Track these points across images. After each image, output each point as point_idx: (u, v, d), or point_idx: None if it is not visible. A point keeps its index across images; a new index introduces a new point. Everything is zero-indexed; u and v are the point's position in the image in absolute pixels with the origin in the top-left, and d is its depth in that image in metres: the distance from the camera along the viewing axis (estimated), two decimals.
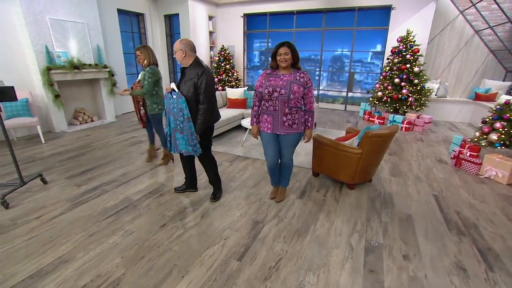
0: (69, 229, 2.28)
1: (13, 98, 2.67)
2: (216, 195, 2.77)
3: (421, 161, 3.92)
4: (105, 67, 5.76)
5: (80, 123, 5.67)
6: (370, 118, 6.32)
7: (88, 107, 6.01)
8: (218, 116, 2.58)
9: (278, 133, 2.39)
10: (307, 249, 2.08)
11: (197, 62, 2.34)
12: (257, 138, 2.60)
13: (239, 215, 2.51)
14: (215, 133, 4.33)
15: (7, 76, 4.42)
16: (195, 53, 2.39)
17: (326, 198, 2.84)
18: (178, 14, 7.18)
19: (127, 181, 3.16)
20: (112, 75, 5.97)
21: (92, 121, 5.91)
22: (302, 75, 2.29)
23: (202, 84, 2.26)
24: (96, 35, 5.64)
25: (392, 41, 6.42)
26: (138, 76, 3.39)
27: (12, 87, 2.67)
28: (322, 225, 2.38)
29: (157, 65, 3.24)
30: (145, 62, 3.17)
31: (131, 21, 6.98)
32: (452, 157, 3.89)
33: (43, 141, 4.54)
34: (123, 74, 6.66)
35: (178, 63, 2.39)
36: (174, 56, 2.38)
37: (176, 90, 2.33)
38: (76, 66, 5.14)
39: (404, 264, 1.94)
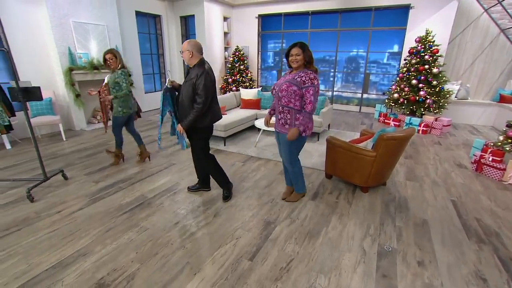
0: (87, 223, 2.38)
1: (39, 97, 2.82)
2: (226, 196, 2.79)
3: (438, 165, 3.80)
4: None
5: (98, 122, 5.87)
6: (386, 120, 6.18)
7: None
8: (215, 118, 2.57)
9: (277, 130, 2.50)
10: (318, 251, 2.07)
11: (200, 63, 2.38)
12: (267, 126, 2.78)
13: (251, 215, 2.52)
14: (228, 133, 4.39)
15: (34, 77, 4.66)
16: (202, 54, 2.43)
17: (339, 201, 2.81)
18: (193, 15, 7.30)
19: (142, 179, 3.25)
20: (129, 75, 6.16)
21: (109, 120, 6.09)
22: (302, 74, 2.21)
23: (200, 84, 2.30)
24: (115, 37, 5.83)
25: (410, 42, 6.24)
26: (105, 79, 3.35)
27: (39, 87, 2.82)
28: (334, 228, 2.36)
29: (125, 67, 3.27)
30: (118, 65, 3.17)
31: (148, 23, 7.16)
32: (473, 161, 3.73)
33: (64, 139, 4.75)
34: (140, 74, 6.84)
35: (185, 62, 2.45)
36: (181, 55, 2.43)
37: (166, 84, 2.49)
38: (95, 67, 5.33)
39: (419, 270, 1.89)
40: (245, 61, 8.04)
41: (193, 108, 2.37)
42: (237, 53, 7.95)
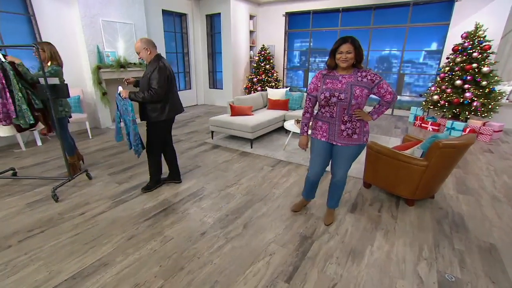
0: (109, 229, 2.24)
1: (66, 95, 2.75)
2: (148, 186, 2.86)
3: (494, 177, 3.32)
4: None
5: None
6: (423, 124, 5.66)
7: None
8: (174, 112, 2.64)
9: (335, 143, 2.06)
10: (365, 275, 1.77)
11: (155, 58, 2.44)
12: (305, 150, 2.37)
13: (285, 228, 2.26)
14: (255, 135, 4.15)
15: (65, 75, 4.69)
16: (156, 49, 2.51)
17: (382, 214, 2.48)
18: (219, 13, 7.17)
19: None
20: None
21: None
22: (364, 73, 1.91)
23: (154, 80, 2.38)
24: (142, 35, 5.80)
25: (453, 38, 5.67)
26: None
27: (66, 85, 2.75)
28: (380, 247, 2.05)
29: (61, 66, 2.95)
30: (48, 59, 2.84)
31: (174, 22, 7.13)
32: None
33: (90, 137, 4.75)
34: None
35: (145, 62, 2.48)
36: (139, 57, 2.47)
37: (119, 91, 2.52)
38: (122, 65, 5.33)
39: None
40: (271, 61, 7.79)
41: (148, 92, 2.42)
42: (263, 52, 7.72)
